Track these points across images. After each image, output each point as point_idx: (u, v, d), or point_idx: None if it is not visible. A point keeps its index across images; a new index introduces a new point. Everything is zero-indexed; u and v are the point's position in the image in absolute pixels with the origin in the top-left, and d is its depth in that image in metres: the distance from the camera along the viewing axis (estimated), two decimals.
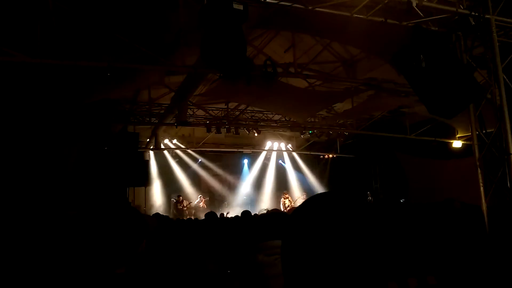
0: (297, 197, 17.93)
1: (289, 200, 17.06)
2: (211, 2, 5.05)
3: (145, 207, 15.97)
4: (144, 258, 2.11)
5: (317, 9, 5.66)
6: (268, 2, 5.48)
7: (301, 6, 5.64)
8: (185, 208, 16.14)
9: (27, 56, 6.80)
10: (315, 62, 10.22)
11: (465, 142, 12.31)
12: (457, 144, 12.99)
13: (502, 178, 6.32)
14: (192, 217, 13.36)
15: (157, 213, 8.28)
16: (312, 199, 1.28)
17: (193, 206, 16.69)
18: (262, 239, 2.75)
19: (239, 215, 7.49)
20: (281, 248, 1.19)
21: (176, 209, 16.17)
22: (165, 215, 7.85)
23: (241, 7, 4.94)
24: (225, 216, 11.43)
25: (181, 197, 16.47)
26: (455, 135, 13.14)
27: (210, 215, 7.17)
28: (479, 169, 6.46)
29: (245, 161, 18.82)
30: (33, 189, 11.12)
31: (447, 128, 12.83)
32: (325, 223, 1.14)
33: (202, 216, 10.33)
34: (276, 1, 5.51)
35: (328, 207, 1.20)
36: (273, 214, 3.05)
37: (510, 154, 6.09)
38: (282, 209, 16.49)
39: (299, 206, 1.28)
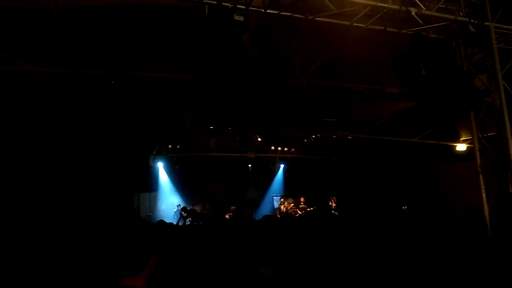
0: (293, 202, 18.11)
1: (284, 206, 17.08)
2: (212, 14, 5.12)
3: (150, 213, 16.08)
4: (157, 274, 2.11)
5: (317, 18, 5.72)
6: (268, 12, 5.55)
7: (301, 16, 5.70)
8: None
9: (33, 65, 6.94)
10: (318, 66, 10.25)
11: (469, 145, 12.29)
12: (461, 147, 12.96)
13: (504, 184, 6.33)
14: None
15: (161, 220, 8.34)
16: (301, 218, 1.36)
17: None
18: (265, 251, 2.80)
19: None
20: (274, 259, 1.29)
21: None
22: (169, 222, 7.90)
23: (241, 19, 5.02)
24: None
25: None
26: (459, 138, 13.11)
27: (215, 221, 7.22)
28: (481, 175, 6.48)
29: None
30: (43, 194, 11.27)
31: (451, 131, 12.80)
32: (316, 241, 1.21)
33: None
34: (276, 12, 5.58)
35: (318, 227, 1.27)
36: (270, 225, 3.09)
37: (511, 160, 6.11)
38: (278, 215, 16.62)
39: (291, 224, 1.36)
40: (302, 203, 17.61)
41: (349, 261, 1.21)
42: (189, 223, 13.13)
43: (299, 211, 16.34)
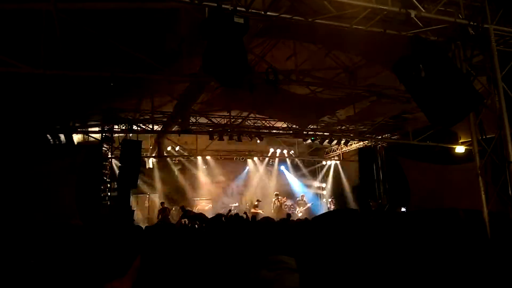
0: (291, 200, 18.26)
1: (278, 201, 17.26)
2: (213, 16, 5.12)
3: (148, 214, 16.04)
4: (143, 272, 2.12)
5: (317, 21, 5.71)
6: (268, 15, 5.55)
7: (301, 18, 5.70)
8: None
9: (32, 67, 6.92)
10: (316, 69, 10.28)
11: (468, 148, 12.29)
12: (460, 149, 12.97)
13: (504, 186, 6.32)
14: None
15: (163, 222, 8.33)
16: (321, 217, 1.37)
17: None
18: (268, 253, 2.76)
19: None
20: (297, 262, 1.29)
21: None
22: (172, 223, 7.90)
23: (241, 21, 5.01)
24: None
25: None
26: (458, 141, 13.13)
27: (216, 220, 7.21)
28: (480, 177, 6.47)
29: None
30: (38, 196, 11.22)
31: (450, 133, 12.82)
32: (335, 240, 1.22)
33: None
34: (276, 14, 5.58)
35: (337, 225, 1.28)
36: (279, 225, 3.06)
37: (511, 162, 6.10)
38: (272, 209, 16.94)
39: (310, 223, 1.37)
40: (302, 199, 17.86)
41: (354, 261, 1.23)
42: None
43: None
